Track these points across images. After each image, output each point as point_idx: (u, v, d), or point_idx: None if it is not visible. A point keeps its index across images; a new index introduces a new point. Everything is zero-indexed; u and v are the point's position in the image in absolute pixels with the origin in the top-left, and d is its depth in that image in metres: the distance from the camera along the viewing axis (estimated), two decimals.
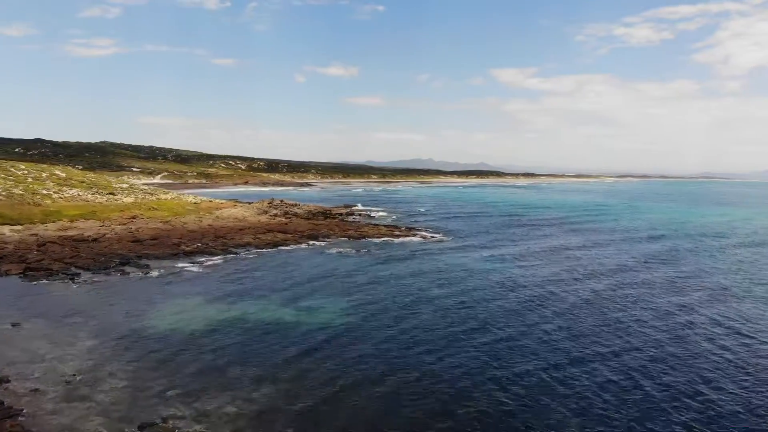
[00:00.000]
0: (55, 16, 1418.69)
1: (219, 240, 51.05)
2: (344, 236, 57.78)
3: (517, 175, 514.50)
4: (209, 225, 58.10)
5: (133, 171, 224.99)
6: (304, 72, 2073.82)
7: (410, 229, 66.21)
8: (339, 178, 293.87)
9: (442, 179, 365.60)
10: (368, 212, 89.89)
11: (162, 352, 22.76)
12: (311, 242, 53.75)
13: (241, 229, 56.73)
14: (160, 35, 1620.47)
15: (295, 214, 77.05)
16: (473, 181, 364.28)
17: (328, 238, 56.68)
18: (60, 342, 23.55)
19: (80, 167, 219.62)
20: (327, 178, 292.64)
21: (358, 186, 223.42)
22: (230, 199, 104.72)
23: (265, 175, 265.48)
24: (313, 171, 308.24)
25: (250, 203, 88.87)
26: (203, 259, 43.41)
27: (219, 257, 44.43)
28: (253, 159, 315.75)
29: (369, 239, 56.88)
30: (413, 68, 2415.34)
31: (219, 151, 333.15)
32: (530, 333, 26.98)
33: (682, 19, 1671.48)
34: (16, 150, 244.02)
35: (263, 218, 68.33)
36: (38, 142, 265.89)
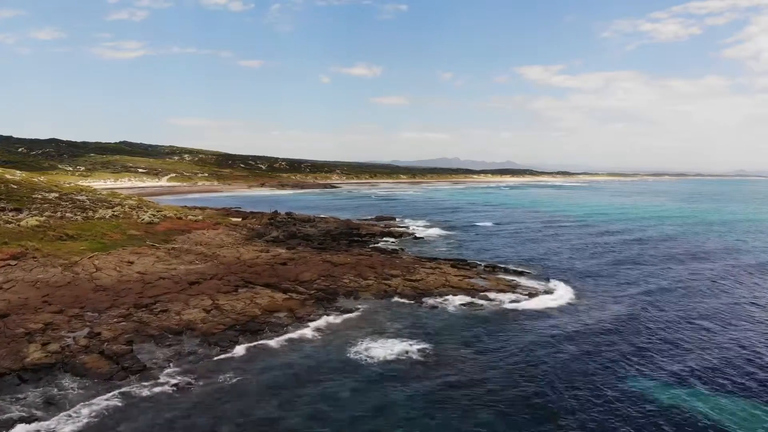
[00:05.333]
0: (83, 20, 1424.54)
1: (137, 315, 25.16)
2: (385, 291, 31.36)
3: (552, 173, 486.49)
4: (139, 274, 31.97)
5: (138, 172, 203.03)
6: (329, 73, 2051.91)
7: (493, 268, 39.39)
8: (366, 179, 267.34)
9: (476, 178, 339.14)
10: (411, 229, 63.23)
11: None
12: (322, 315, 27.26)
13: (194, 283, 30.59)
14: (186, 37, 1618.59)
15: (306, 238, 50.99)
16: (510, 180, 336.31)
17: (356, 299, 30.35)
18: None
19: (82, 168, 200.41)
20: (353, 178, 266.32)
21: (387, 187, 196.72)
22: (230, 207, 79.68)
23: (284, 175, 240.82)
24: (338, 171, 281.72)
25: (244, 217, 63.26)
26: (44, 398, 17.44)
27: (90, 394, 18.24)
28: (275, 159, 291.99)
29: (432, 301, 30.32)
30: (437, 67, 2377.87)
31: (245, 152, 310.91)
32: None
33: (711, 14, 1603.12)
34: (20, 150, 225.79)
35: (249, 251, 42.10)
36: (53, 142, 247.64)
